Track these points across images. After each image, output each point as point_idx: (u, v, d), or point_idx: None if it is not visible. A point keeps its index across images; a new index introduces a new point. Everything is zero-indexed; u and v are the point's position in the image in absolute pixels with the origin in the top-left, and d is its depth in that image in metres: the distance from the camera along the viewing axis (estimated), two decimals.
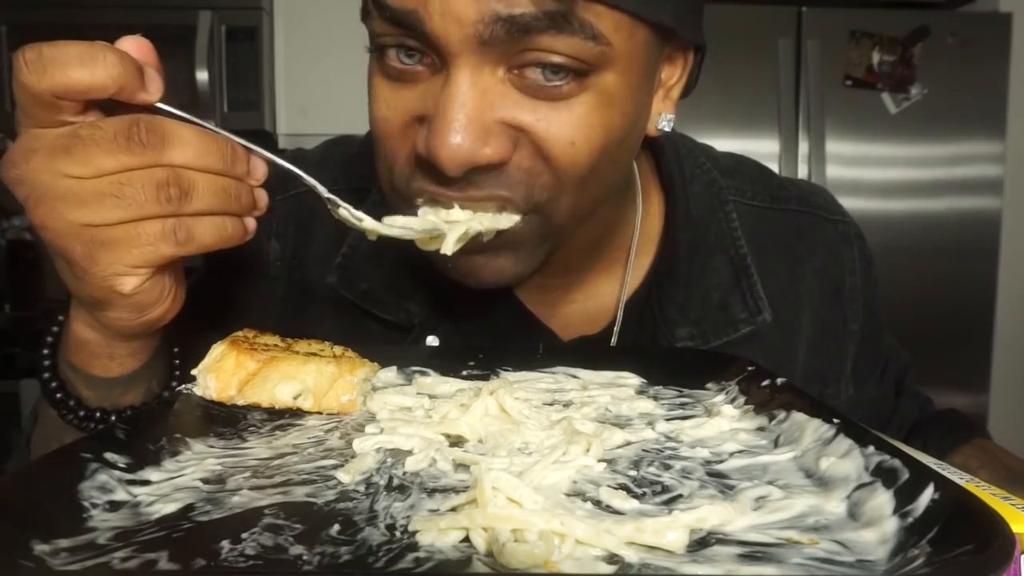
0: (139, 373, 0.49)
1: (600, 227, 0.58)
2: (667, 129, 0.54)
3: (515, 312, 0.61)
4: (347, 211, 0.47)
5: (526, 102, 0.45)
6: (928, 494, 0.27)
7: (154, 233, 0.40)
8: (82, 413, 0.49)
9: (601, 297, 0.62)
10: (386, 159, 0.50)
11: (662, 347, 0.60)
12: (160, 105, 0.42)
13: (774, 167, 2.04)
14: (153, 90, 0.41)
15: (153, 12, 2.08)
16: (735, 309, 0.60)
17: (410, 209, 0.49)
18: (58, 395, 0.49)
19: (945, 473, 0.35)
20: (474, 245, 0.48)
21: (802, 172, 2.05)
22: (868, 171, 2.08)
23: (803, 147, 2.05)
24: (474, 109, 0.43)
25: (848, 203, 2.25)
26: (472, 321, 0.61)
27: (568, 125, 0.45)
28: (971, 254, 2.12)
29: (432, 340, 0.59)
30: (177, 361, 0.53)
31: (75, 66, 0.37)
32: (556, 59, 0.43)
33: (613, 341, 0.61)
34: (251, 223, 0.45)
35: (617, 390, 0.51)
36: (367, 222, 0.47)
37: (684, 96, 0.56)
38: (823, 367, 0.65)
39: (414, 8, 0.42)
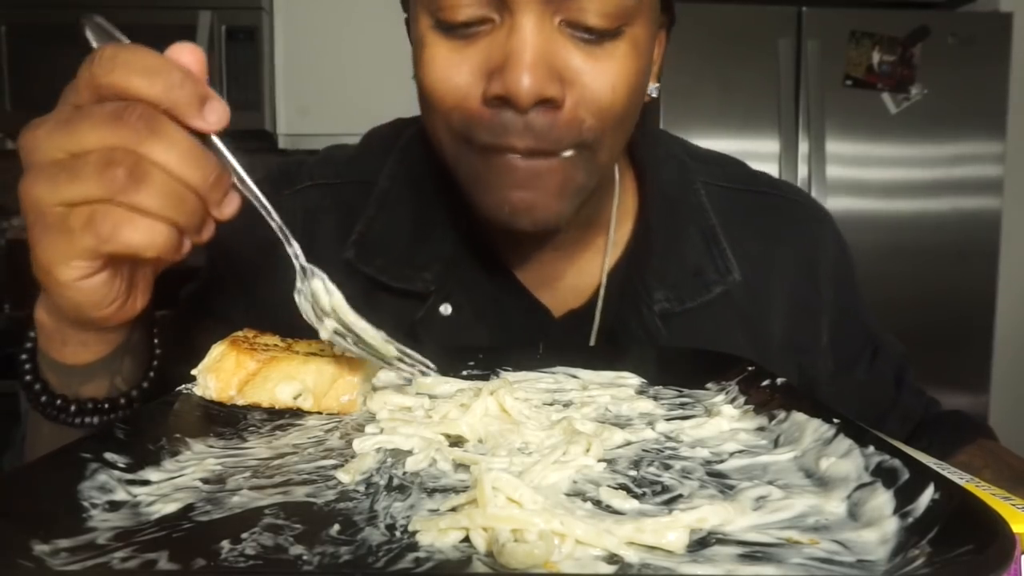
0: (95, 367, 0.48)
1: (592, 204, 0.62)
2: (654, 96, 0.60)
3: (513, 287, 0.66)
4: (321, 282, 0.45)
5: (576, 49, 0.51)
6: (928, 494, 0.27)
7: (81, 219, 0.37)
8: (44, 399, 0.48)
9: (586, 271, 0.67)
10: (454, 124, 0.53)
11: (662, 347, 0.61)
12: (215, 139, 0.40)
13: (774, 167, 2.06)
14: (212, 121, 0.39)
15: (153, 12, 2.08)
16: (707, 273, 0.64)
17: (475, 154, 0.53)
18: (27, 377, 0.48)
19: (945, 473, 0.35)
20: (531, 178, 0.53)
21: (802, 172, 2.05)
22: (868, 171, 2.08)
23: (803, 147, 2.05)
24: (540, 52, 0.49)
25: (848, 203, 2.25)
26: (477, 294, 0.64)
27: (610, 71, 0.51)
28: (971, 254, 2.12)
29: (445, 309, 0.62)
30: (155, 363, 0.51)
31: (138, 74, 0.37)
32: (597, 18, 0.50)
33: (598, 308, 0.65)
34: (187, 244, 0.41)
35: (617, 390, 0.51)
36: (327, 322, 0.45)
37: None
38: (798, 337, 0.68)
39: None
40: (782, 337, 0.66)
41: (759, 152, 2.05)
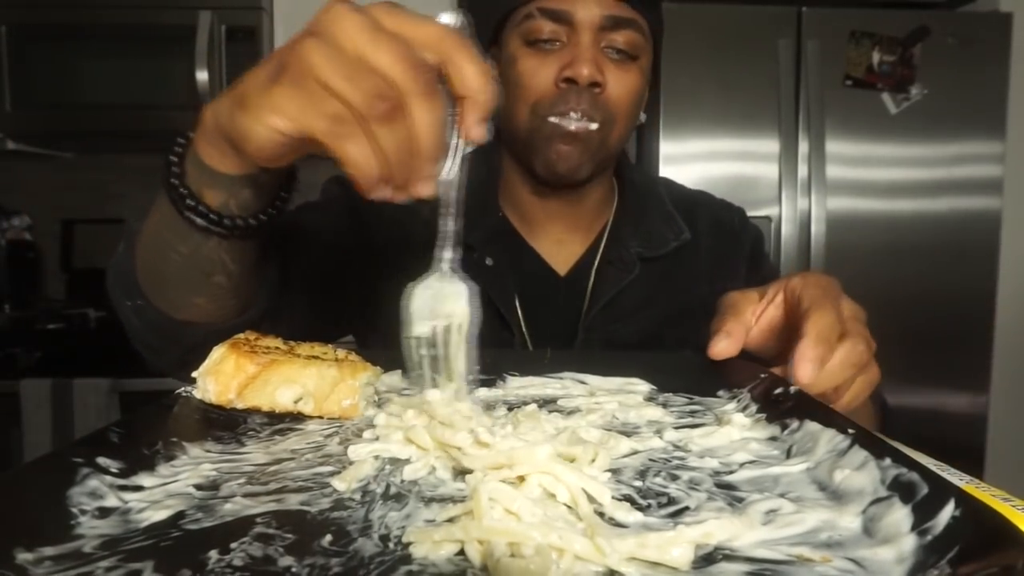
0: (220, 178, 0.53)
1: (600, 191, 0.94)
2: (643, 120, 0.95)
3: (532, 254, 0.92)
4: (467, 292, 0.48)
5: (610, 62, 0.81)
6: (948, 511, 0.26)
7: (330, 107, 0.40)
8: (174, 180, 0.54)
9: (577, 244, 0.93)
10: (536, 104, 0.82)
11: (672, 353, 0.62)
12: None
13: (774, 167, 2.05)
14: (479, 134, 0.45)
15: (153, 12, 2.07)
16: (667, 235, 0.92)
17: (543, 123, 0.81)
18: (173, 157, 0.55)
19: (945, 474, 0.34)
20: (569, 138, 0.81)
21: (802, 172, 2.05)
22: (868, 171, 2.08)
23: (803, 147, 2.05)
24: (593, 58, 0.79)
25: (848, 203, 2.25)
26: (508, 255, 0.88)
27: (626, 83, 0.82)
28: (971, 254, 2.11)
29: (488, 260, 0.85)
30: (264, 216, 0.57)
31: (476, 69, 0.42)
32: (624, 45, 0.81)
33: (596, 260, 0.91)
34: (378, 192, 0.44)
35: (625, 397, 0.50)
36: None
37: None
38: (722, 273, 0.95)
39: (568, 8, 0.79)
40: (709, 273, 0.94)
41: (759, 152, 2.04)
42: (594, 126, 0.81)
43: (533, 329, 0.85)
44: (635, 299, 0.88)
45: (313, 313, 0.80)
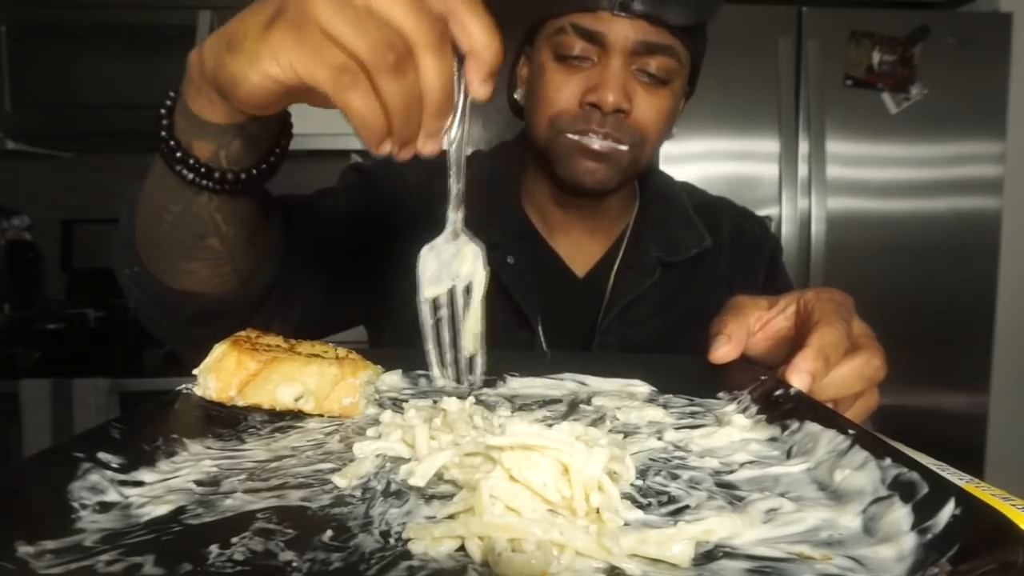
0: (209, 128, 0.51)
1: (622, 195, 0.92)
2: (674, 136, 0.99)
3: (551, 255, 0.91)
4: (474, 253, 0.47)
5: (640, 86, 0.79)
6: (948, 510, 0.26)
7: (333, 56, 0.38)
8: (164, 133, 0.52)
9: (597, 246, 0.93)
10: (555, 119, 0.81)
11: (673, 355, 0.62)
12: None
13: (774, 167, 2.05)
14: (483, 92, 0.42)
15: (153, 12, 2.07)
16: (688, 242, 0.91)
17: (565, 139, 0.80)
18: (163, 111, 0.54)
19: (944, 474, 0.34)
20: (593, 155, 0.80)
21: (802, 172, 2.05)
22: (868, 171, 2.08)
23: (803, 147, 2.05)
24: (621, 83, 0.77)
25: (848, 203, 2.25)
26: (528, 254, 0.87)
27: (655, 107, 0.80)
28: (971, 254, 2.11)
29: (510, 259, 0.84)
30: (255, 170, 0.55)
31: (486, 25, 0.40)
32: (656, 70, 0.79)
33: (615, 263, 0.90)
34: (381, 147, 0.43)
35: (626, 398, 0.50)
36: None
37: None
38: (740, 281, 0.94)
39: (601, 30, 0.77)
40: (728, 281, 0.94)
41: (759, 152, 2.04)
42: (624, 147, 0.80)
43: (550, 330, 0.84)
44: (653, 304, 0.87)
45: (327, 300, 0.80)
